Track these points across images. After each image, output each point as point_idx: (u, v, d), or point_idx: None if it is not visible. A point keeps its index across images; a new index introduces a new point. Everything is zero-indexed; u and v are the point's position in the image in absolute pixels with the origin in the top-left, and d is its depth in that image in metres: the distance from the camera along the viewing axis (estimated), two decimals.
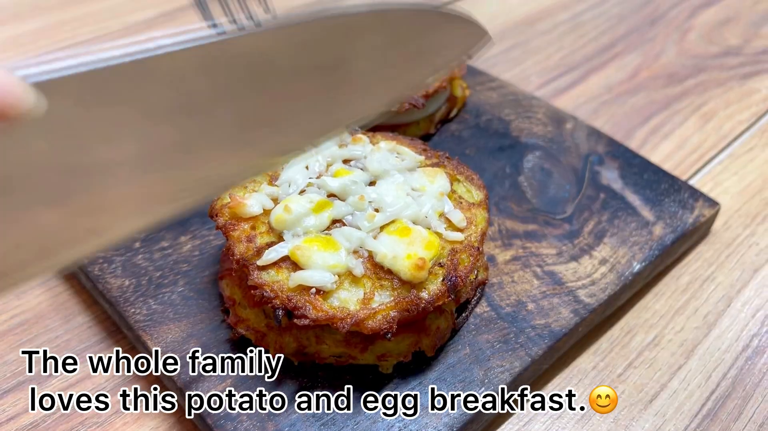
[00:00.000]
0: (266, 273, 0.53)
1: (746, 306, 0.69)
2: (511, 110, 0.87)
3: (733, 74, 1.05)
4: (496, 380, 0.56)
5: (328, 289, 0.52)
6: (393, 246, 0.54)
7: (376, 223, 0.55)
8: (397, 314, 0.51)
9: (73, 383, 0.60)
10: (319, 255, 0.52)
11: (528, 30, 1.18)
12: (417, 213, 0.56)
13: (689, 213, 0.72)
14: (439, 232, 0.56)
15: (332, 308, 0.51)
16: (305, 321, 0.50)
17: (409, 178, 0.60)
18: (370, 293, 0.52)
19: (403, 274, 0.52)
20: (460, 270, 0.54)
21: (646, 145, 0.90)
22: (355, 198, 0.56)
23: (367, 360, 0.55)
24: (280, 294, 0.51)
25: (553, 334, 0.60)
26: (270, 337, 0.56)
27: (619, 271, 0.66)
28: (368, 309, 0.51)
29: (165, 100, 0.37)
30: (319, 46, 0.43)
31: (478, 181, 0.64)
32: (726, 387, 0.62)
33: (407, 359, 0.56)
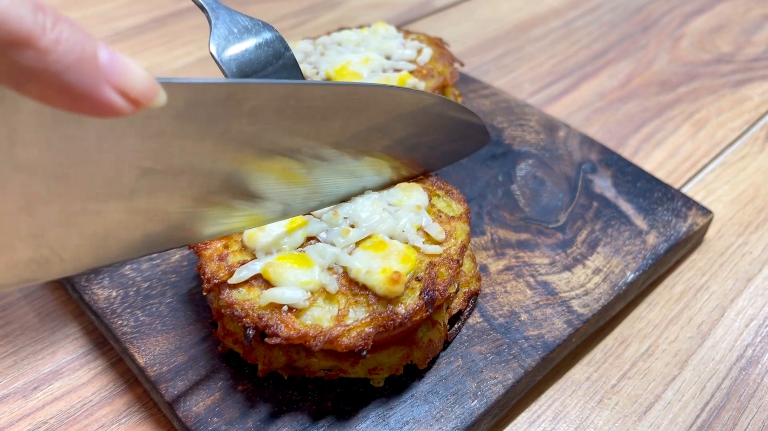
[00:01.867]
0: (237, 291, 0.51)
1: (740, 315, 0.69)
2: (504, 118, 0.87)
3: (725, 81, 1.05)
4: (489, 392, 0.55)
5: (300, 307, 0.50)
6: (368, 261, 0.52)
7: (350, 239, 0.54)
8: (373, 330, 0.50)
9: (59, 396, 0.59)
10: (292, 272, 0.51)
11: (521, 37, 1.18)
12: (393, 227, 0.55)
13: (683, 221, 0.72)
14: (416, 246, 0.55)
15: (305, 326, 0.49)
16: (277, 340, 0.49)
17: (384, 195, 0.58)
18: (344, 310, 0.51)
19: (378, 289, 0.51)
20: (439, 283, 0.53)
21: (638, 153, 0.90)
22: (329, 214, 0.55)
23: (358, 373, 0.54)
24: (251, 313, 0.50)
25: (547, 345, 0.59)
26: (258, 351, 0.54)
27: (613, 281, 0.65)
28: (342, 326, 0.50)
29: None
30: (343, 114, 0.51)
31: (458, 195, 0.62)
32: (720, 397, 0.61)
33: (399, 372, 0.55)
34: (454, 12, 1.26)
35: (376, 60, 0.78)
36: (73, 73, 0.29)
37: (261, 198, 0.50)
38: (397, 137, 0.56)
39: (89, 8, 1.23)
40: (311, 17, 1.22)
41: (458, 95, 0.88)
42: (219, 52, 0.55)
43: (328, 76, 0.77)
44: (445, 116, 0.60)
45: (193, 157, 0.43)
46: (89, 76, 0.29)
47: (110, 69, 0.30)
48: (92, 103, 0.30)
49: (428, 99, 0.56)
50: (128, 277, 0.64)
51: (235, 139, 0.44)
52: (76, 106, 0.30)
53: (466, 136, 0.65)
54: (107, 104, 0.30)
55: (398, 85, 0.75)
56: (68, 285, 0.64)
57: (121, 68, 0.31)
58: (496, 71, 1.07)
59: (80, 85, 0.29)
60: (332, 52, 0.81)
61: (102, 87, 0.30)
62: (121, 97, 0.31)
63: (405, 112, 0.55)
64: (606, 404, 0.60)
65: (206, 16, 0.56)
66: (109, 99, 0.30)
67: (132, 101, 0.31)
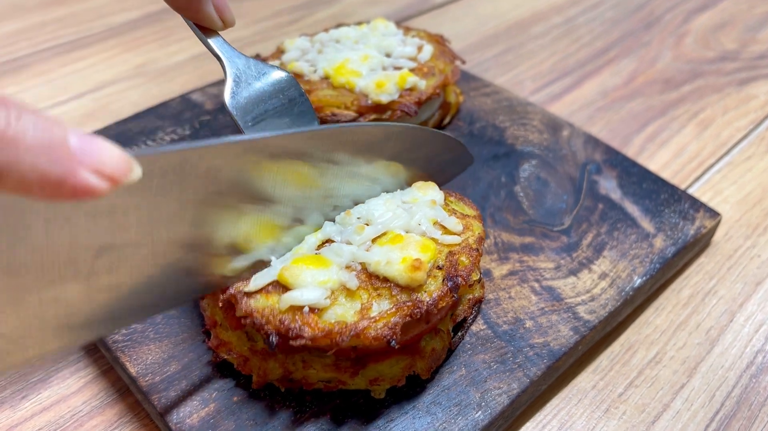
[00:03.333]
0: (255, 299, 0.49)
1: (749, 320, 0.67)
2: (506, 117, 0.85)
3: (730, 80, 1.03)
4: (493, 403, 0.53)
5: (322, 306, 0.48)
6: (386, 253, 0.50)
7: (366, 236, 0.52)
8: (400, 320, 0.48)
9: (48, 406, 0.57)
10: (310, 273, 0.49)
11: (521, 34, 1.16)
12: (408, 222, 0.53)
13: (690, 224, 0.70)
14: (434, 238, 0.53)
15: (329, 324, 0.47)
16: (301, 342, 0.46)
17: (398, 194, 0.57)
18: (367, 303, 0.49)
19: (400, 278, 0.49)
20: (461, 270, 0.51)
21: (643, 153, 0.88)
22: (341, 215, 0.54)
23: (359, 385, 0.52)
24: (272, 319, 0.48)
25: (552, 354, 0.57)
26: (253, 362, 0.52)
27: (620, 286, 0.63)
28: (368, 319, 0.48)
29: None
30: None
31: (469, 202, 0.61)
32: (730, 406, 0.60)
33: (401, 383, 0.53)
34: (454, 8, 1.23)
35: (376, 57, 0.76)
36: (46, 160, 0.29)
37: (238, 251, 0.50)
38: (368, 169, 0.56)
39: (81, 3, 1.20)
40: (308, 13, 1.20)
41: (459, 93, 0.86)
42: (233, 105, 0.54)
43: (326, 74, 0.75)
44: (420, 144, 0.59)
45: (152, 226, 0.41)
46: (63, 160, 0.30)
47: (82, 151, 0.30)
48: (70, 187, 0.30)
49: (396, 128, 0.55)
50: None
51: (196, 202, 0.43)
52: (54, 193, 0.30)
53: (447, 161, 0.64)
54: (85, 186, 0.31)
55: (398, 83, 0.73)
56: None
57: (93, 149, 0.31)
58: (496, 69, 1.05)
59: (55, 170, 0.29)
60: (330, 50, 0.79)
61: (77, 170, 0.30)
62: (98, 177, 0.31)
63: (374, 147, 0.54)
64: (613, 413, 0.59)
65: (221, 64, 0.55)
66: (86, 181, 0.30)
67: (109, 179, 0.31)
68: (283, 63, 0.79)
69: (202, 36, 0.56)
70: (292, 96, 0.57)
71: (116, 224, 0.39)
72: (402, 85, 0.73)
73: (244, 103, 0.54)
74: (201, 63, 1.04)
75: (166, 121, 0.82)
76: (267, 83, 0.56)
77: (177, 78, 1.01)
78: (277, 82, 0.57)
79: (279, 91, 0.56)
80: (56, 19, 1.15)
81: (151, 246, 0.42)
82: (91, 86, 0.99)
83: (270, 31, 1.14)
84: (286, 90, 0.57)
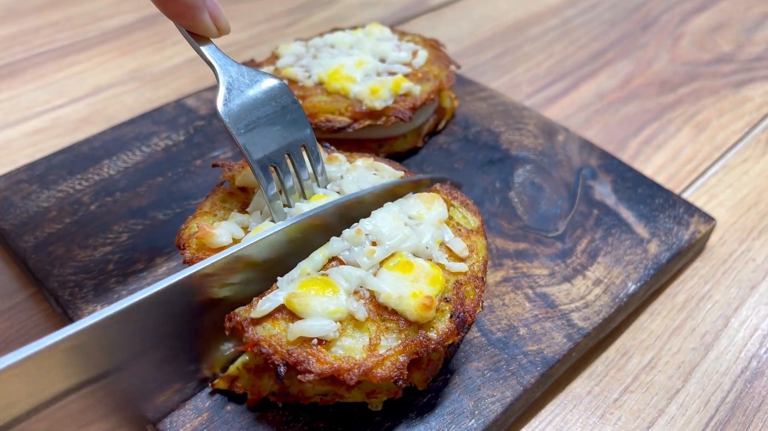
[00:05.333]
0: (261, 327, 0.48)
1: (744, 325, 0.67)
2: (501, 121, 0.85)
3: (726, 82, 1.03)
4: (486, 411, 0.53)
5: (330, 338, 0.48)
6: (396, 284, 0.50)
7: (375, 259, 0.51)
8: (407, 359, 0.48)
9: None
10: (318, 301, 0.48)
11: (518, 36, 1.15)
12: (417, 244, 0.53)
13: (685, 229, 0.70)
14: (441, 263, 0.52)
15: (337, 358, 0.47)
16: (310, 377, 0.46)
17: (404, 206, 0.56)
18: (375, 338, 0.48)
19: (410, 315, 0.48)
20: (467, 304, 0.51)
21: (639, 156, 0.88)
22: (351, 232, 0.53)
23: (355, 398, 0.52)
24: (279, 349, 0.47)
25: (546, 361, 0.57)
26: (244, 380, 0.52)
27: (614, 293, 0.63)
28: (375, 356, 0.47)
29: None
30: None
31: (473, 206, 0.61)
32: (725, 412, 0.60)
33: (398, 396, 0.52)
34: (450, 10, 1.23)
35: (370, 63, 0.76)
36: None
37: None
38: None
39: (77, 7, 1.20)
40: (304, 16, 1.20)
41: (454, 98, 0.86)
42: (226, 112, 0.54)
43: (320, 80, 0.75)
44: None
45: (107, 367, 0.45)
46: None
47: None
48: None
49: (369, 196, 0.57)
50: (113, 291, 0.61)
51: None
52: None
53: None
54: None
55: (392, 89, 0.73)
56: (52, 299, 0.62)
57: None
58: (492, 72, 1.05)
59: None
60: (325, 55, 0.79)
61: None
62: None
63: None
64: (608, 419, 0.59)
65: (214, 73, 0.56)
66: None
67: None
68: (278, 68, 0.79)
69: (195, 44, 0.56)
70: (285, 103, 0.57)
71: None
72: (396, 90, 0.73)
73: (237, 111, 0.54)
74: (196, 67, 1.04)
75: (160, 126, 0.82)
76: (259, 90, 0.56)
77: (172, 82, 1.01)
78: (270, 90, 0.57)
79: (271, 98, 0.56)
80: (51, 23, 1.15)
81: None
82: (87, 91, 0.99)
83: (265, 35, 1.14)
84: (279, 97, 0.57)
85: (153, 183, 0.74)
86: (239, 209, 0.58)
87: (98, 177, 0.75)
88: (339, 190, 0.58)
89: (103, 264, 0.64)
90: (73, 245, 0.66)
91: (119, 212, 0.70)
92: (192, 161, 0.77)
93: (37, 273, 0.63)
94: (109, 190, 0.73)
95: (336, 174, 0.59)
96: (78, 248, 0.66)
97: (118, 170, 0.76)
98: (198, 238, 0.54)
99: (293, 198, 0.57)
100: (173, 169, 0.76)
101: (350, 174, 0.59)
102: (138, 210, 0.70)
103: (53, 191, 0.72)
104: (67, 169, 0.75)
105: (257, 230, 0.53)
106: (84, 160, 0.77)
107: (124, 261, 0.64)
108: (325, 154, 0.61)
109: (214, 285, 0.49)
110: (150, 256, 0.65)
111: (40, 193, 0.72)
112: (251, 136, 0.54)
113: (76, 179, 0.74)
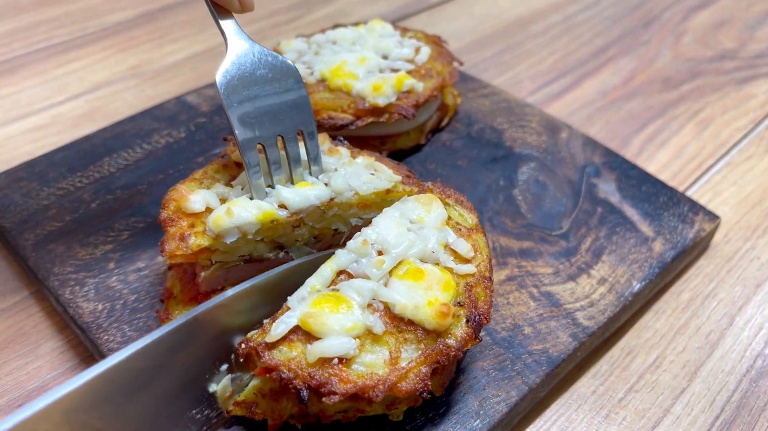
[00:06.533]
0: (278, 350, 0.47)
1: (749, 323, 0.66)
2: (504, 118, 0.84)
3: (729, 79, 1.03)
4: (491, 411, 0.53)
5: (351, 355, 0.46)
6: (409, 293, 0.49)
7: (385, 269, 0.50)
8: (429, 369, 0.47)
9: None
10: (333, 318, 0.47)
11: (520, 32, 1.15)
12: (423, 250, 0.52)
13: (689, 227, 0.69)
14: (449, 267, 0.52)
15: (360, 376, 0.46)
16: (335, 398, 0.45)
17: (404, 210, 0.55)
18: (395, 351, 0.47)
19: (428, 324, 0.48)
20: (480, 306, 0.50)
21: (642, 154, 0.87)
22: (357, 243, 0.51)
23: (377, 411, 0.51)
24: (300, 373, 0.46)
25: (551, 360, 0.57)
26: (263, 406, 0.50)
27: (619, 291, 0.63)
28: (398, 370, 0.46)
29: None
30: None
31: (467, 203, 0.60)
32: (731, 411, 0.59)
33: (418, 403, 0.51)
34: (451, 7, 1.23)
35: (373, 59, 0.76)
36: None
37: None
38: None
39: (77, 2, 1.19)
40: (306, 12, 1.19)
41: (457, 95, 0.86)
42: (223, 83, 0.54)
43: (323, 77, 0.75)
44: None
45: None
46: None
47: None
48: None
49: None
50: (115, 289, 0.61)
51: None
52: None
53: None
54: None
55: (395, 86, 0.72)
56: (52, 298, 0.62)
57: None
58: (495, 68, 1.04)
59: None
60: (327, 51, 0.79)
61: None
62: None
63: None
64: (613, 419, 0.58)
65: (225, 42, 0.56)
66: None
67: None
68: None
69: (215, 14, 0.56)
70: (289, 86, 0.57)
71: None
72: (399, 87, 0.73)
73: (235, 84, 0.54)
74: (197, 63, 1.04)
75: (161, 123, 0.82)
76: (265, 69, 0.56)
77: (173, 79, 1.00)
78: (277, 70, 0.56)
79: (275, 79, 0.56)
80: (51, 18, 1.14)
81: None
82: (87, 87, 0.98)
83: (267, 31, 1.13)
84: (284, 79, 0.56)
85: (154, 180, 0.73)
86: (226, 182, 0.57)
87: (99, 174, 0.74)
88: (327, 182, 0.57)
89: (105, 262, 0.64)
90: (74, 243, 0.65)
91: (120, 210, 0.70)
92: (193, 158, 0.77)
93: (37, 271, 0.63)
94: (110, 188, 0.72)
95: (332, 166, 0.59)
96: (79, 246, 0.65)
97: (118, 167, 0.75)
98: (174, 200, 0.54)
99: (277, 179, 0.56)
100: (174, 166, 0.75)
101: (345, 168, 0.58)
102: (139, 207, 0.70)
103: (53, 189, 0.72)
104: (68, 167, 0.75)
105: (232, 203, 0.53)
106: (84, 158, 0.76)
107: (125, 260, 0.64)
108: (329, 146, 0.61)
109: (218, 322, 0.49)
110: (151, 254, 0.64)
111: (41, 191, 0.71)
112: (245, 111, 0.54)
113: (76, 176, 0.73)
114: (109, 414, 0.43)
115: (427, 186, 0.59)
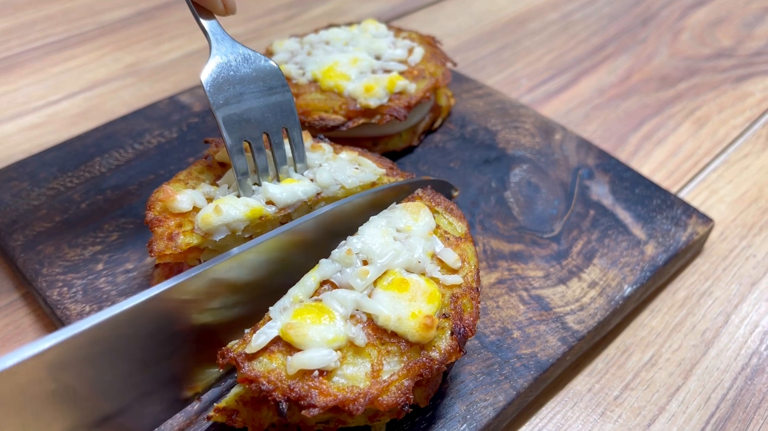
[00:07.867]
0: (258, 361, 0.46)
1: (744, 321, 0.66)
2: (498, 120, 0.84)
3: (726, 77, 1.02)
4: (478, 416, 0.53)
5: (331, 368, 0.45)
6: (393, 304, 0.48)
7: (369, 280, 0.49)
8: (411, 382, 0.46)
9: None
10: (315, 330, 0.46)
11: (518, 30, 1.14)
12: (409, 259, 0.51)
13: (682, 230, 0.69)
14: (435, 277, 0.51)
15: (341, 389, 0.45)
16: (315, 412, 0.44)
17: (391, 219, 0.54)
18: (377, 363, 0.46)
19: (411, 336, 0.47)
20: (466, 318, 0.49)
21: (639, 152, 0.87)
22: (341, 253, 0.51)
23: (359, 422, 0.50)
24: (280, 385, 0.45)
25: (540, 365, 0.56)
26: (243, 414, 0.49)
27: (609, 295, 0.63)
28: (379, 383, 0.45)
29: None
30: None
31: (457, 211, 0.59)
32: (726, 409, 0.59)
33: (401, 416, 0.49)
34: (449, 4, 1.22)
35: (365, 60, 0.75)
36: None
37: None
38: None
39: (73, 0, 1.19)
40: (302, 10, 1.19)
41: (451, 96, 0.85)
42: (208, 81, 0.55)
43: (314, 77, 0.74)
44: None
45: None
46: None
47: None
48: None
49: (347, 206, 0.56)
50: (102, 291, 0.61)
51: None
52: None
53: None
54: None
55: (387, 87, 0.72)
56: (40, 299, 0.62)
57: None
58: (492, 67, 1.04)
59: None
60: (320, 52, 0.78)
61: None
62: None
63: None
64: (609, 417, 0.58)
65: (209, 43, 0.57)
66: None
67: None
68: None
69: (197, 15, 0.57)
70: (273, 85, 0.58)
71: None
72: (391, 88, 0.72)
73: (221, 83, 0.55)
74: (194, 61, 1.03)
75: (153, 123, 0.82)
76: (249, 69, 0.57)
77: (169, 77, 1.00)
78: (261, 70, 0.57)
79: (260, 78, 0.57)
80: (47, 16, 1.14)
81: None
82: (84, 85, 0.98)
83: (263, 29, 1.13)
84: (268, 78, 0.58)
85: (144, 181, 0.73)
86: (212, 182, 0.58)
87: (89, 174, 0.74)
88: (312, 178, 0.57)
89: (93, 263, 0.63)
90: (63, 244, 0.65)
91: (110, 210, 0.69)
92: (184, 158, 0.76)
93: (25, 272, 0.63)
94: (100, 188, 0.72)
95: (316, 162, 0.59)
96: (68, 247, 0.65)
97: (109, 167, 0.75)
98: (161, 200, 0.54)
99: (264, 177, 0.57)
100: (165, 166, 0.75)
101: (329, 164, 0.59)
102: (129, 208, 0.70)
103: (44, 189, 0.72)
104: (59, 167, 0.75)
105: (220, 201, 0.54)
106: (76, 157, 0.76)
107: (113, 261, 0.64)
108: (311, 142, 0.61)
109: (193, 310, 0.48)
110: (140, 256, 0.64)
111: (31, 191, 0.71)
112: (230, 109, 0.55)
113: (67, 177, 0.73)
114: (87, 376, 0.43)
115: (417, 193, 0.59)
